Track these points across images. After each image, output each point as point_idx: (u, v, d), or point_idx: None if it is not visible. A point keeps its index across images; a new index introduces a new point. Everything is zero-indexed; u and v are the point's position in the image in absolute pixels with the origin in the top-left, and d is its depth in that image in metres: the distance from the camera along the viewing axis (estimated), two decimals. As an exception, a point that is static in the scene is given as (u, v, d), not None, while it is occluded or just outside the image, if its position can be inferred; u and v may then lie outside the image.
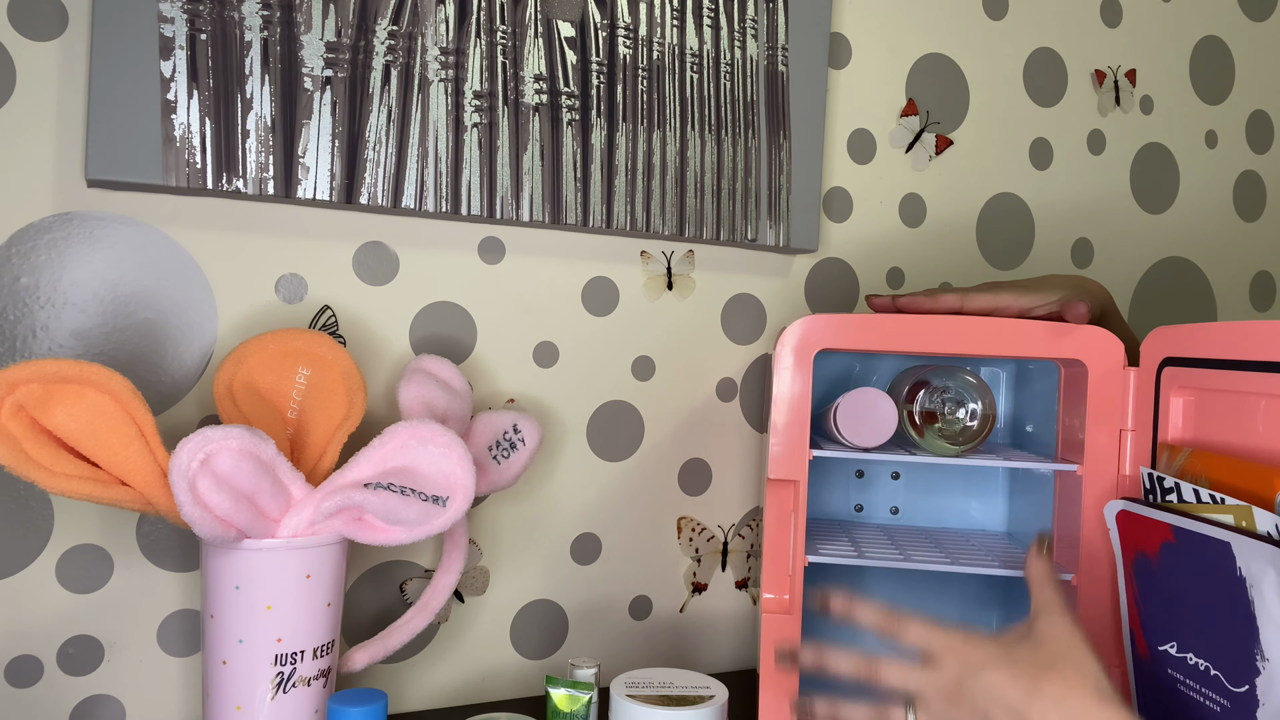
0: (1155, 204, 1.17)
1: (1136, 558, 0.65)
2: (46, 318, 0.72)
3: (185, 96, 0.72)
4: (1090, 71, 1.12)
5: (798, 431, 0.74)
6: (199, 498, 0.60)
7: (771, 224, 0.93)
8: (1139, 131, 1.15)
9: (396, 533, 0.67)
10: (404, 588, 0.85)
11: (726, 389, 0.97)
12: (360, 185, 0.77)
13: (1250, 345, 0.59)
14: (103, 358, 0.74)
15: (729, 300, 0.96)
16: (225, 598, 0.65)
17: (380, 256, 0.83)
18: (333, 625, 0.69)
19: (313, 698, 0.67)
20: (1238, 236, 1.22)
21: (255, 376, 0.71)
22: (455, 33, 0.80)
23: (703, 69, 0.90)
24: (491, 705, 0.86)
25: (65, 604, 0.73)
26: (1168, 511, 0.61)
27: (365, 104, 0.77)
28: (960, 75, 1.05)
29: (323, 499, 0.65)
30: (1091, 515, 0.73)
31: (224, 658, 0.65)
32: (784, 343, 0.74)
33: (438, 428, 0.67)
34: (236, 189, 0.73)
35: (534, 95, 0.83)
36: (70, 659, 0.74)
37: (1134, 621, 0.66)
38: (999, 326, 0.74)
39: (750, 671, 0.96)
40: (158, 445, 0.62)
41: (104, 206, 0.73)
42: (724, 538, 0.98)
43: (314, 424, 0.72)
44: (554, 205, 0.84)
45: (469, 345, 0.86)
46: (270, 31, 0.74)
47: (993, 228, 1.07)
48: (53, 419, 0.60)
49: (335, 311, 0.81)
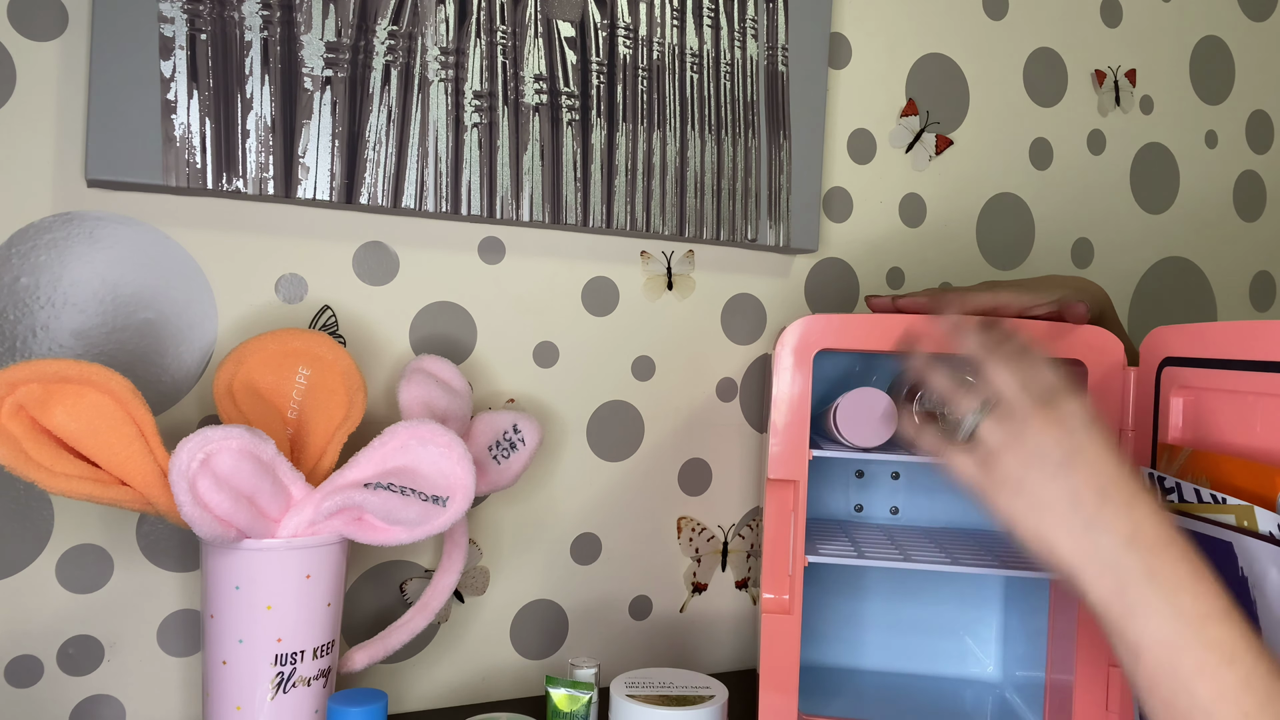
0: (1155, 204, 1.17)
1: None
2: (46, 317, 0.72)
3: (185, 96, 0.72)
4: (1090, 71, 1.12)
5: (797, 431, 0.74)
6: (199, 498, 0.60)
7: (771, 224, 0.93)
8: (1139, 131, 1.15)
9: (396, 533, 0.67)
10: (404, 588, 0.85)
11: (726, 389, 0.97)
12: (360, 185, 0.77)
13: (1250, 345, 0.59)
14: (103, 358, 0.74)
15: (729, 300, 0.96)
16: (225, 598, 0.65)
17: (380, 256, 0.83)
18: (333, 625, 0.69)
19: (313, 698, 0.67)
20: (1238, 236, 1.22)
21: (255, 376, 0.71)
22: (455, 33, 0.80)
23: (703, 69, 0.90)
24: (491, 705, 0.86)
25: (65, 604, 0.73)
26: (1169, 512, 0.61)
27: (365, 104, 0.77)
28: (960, 75, 1.05)
29: (323, 499, 0.65)
30: (1091, 515, 0.73)
31: (224, 658, 0.65)
32: (784, 343, 0.74)
33: (438, 428, 0.67)
34: (236, 189, 0.73)
35: (534, 95, 0.83)
36: (70, 659, 0.74)
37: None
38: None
39: (750, 671, 0.96)
40: (158, 445, 0.62)
41: (104, 206, 0.73)
42: (724, 538, 0.98)
43: (314, 424, 0.72)
44: (554, 205, 0.84)
45: (469, 345, 0.86)
46: (270, 31, 0.74)
47: (993, 228, 1.07)
48: (53, 419, 0.60)
49: (335, 311, 0.81)
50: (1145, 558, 0.49)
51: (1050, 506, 0.53)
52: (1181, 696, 0.47)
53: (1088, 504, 0.51)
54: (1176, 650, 0.47)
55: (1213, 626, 0.47)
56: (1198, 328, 0.65)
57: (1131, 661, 0.49)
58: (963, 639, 0.93)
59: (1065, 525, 0.52)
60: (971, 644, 0.93)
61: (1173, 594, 0.48)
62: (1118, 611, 0.50)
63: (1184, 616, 0.48)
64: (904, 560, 0.77)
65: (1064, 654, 0.76)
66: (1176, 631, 0.48)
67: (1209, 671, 0.46)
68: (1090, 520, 0.51)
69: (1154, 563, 0.49)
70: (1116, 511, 0.51)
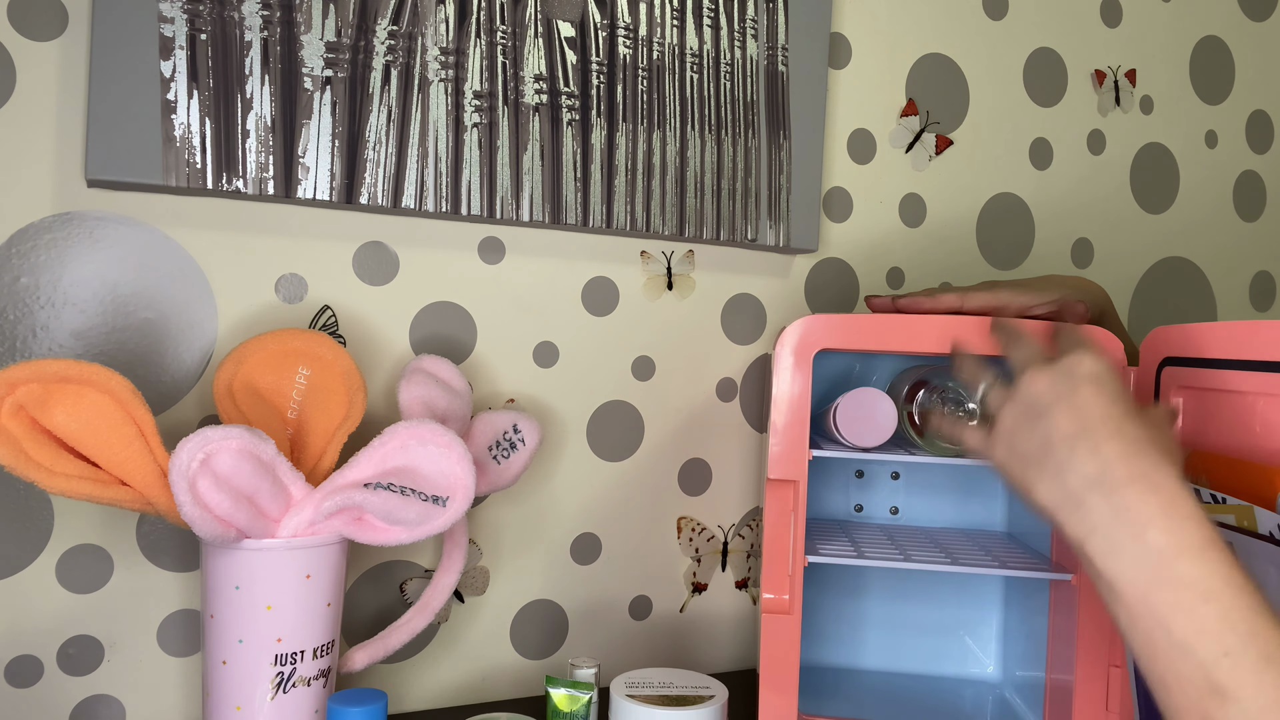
0: (1155, 204, 1.17)
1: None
2: (46, 318, 0.72)
3: (185, 96, 0.72)
4: (1090, 71, 1.12)
5: (797, 431, 0.74)
6: (199, 498, 0.60)
7: (771, 224, 0.93)
8: (1139, 131, 1.15)
9: (396, 533, 0.67)
10: (404, 588, 0.85)
11: (726, 389, 0.97)
12: (360, 185, 0.77)
13: (1250, 345, 0.59)
14: (103, 358, 0.74)
15: (729, 300, 0.96)
16: (225, 598, 0.65)
17: (380, 256, 0.83)
18: (333, 625, 0.69)
19: (313, 698, 0.67)
20: (1238, 236, 1.22)
21: (255, 376, 0.71)
22: (455, 33, 0.80)
23: (703, 69, 0.90)
24: (491, 705, 0.86)
25: (65, 604, 0.73)
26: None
27: (365, 104, 0.77)
28: (960, 75, 1.05)
29: (323, 499, 0.65)
30: (1091, 515, 0.73)
31: (224, 658, 0.65)
32: (784, 343, 0.74)
33: (438, 428, 0.67)
34: (236, 189, 0.73)
35: (534, 95, 0.83)
36: (70, 659, 0.74)
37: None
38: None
39: (750, 671, 0.96)
40: (158, 445, 0.62)
41: (104, 206, 0.73)
42: (724, 538, 0.98)
43: (314, 424, 0.72)
44: (554, 205, 0.84)
45: (469, 345, 0.86)
46: (270, 31, 0.74)
47: (993, 228, 1.07)
48: (53, 419, 0.60)
49: (335, 311, 0.81)
50: (1111, 496, 0.49)
51: (1028, 454, 0.54)
52: (1158, 634, 0.46)
53: (1059, 448, 0.52)
54: (1148, 588, 0.46)
55: (1185, 562, 0.46)
56: (1197, 327, 0.65)
57: (1112, 602, 0.49)
58: (963, 639, 0.93)
59: (1039, 470, 0.53)
60: (971, 644, 0.93)
61: (1140, 531, 0.47)
62: (1090, 552, 0.49)
63: (1153, 553, 0.47)
64: (904, 560, 0.77)
65: (1064, 654, 0.76)
66: (1146, 569, 0.47)
67: (1184, 608, 0.45)
68: (1061, 464, 0.52)
69: (1120, 500, 0.49)
70: (1086, 453, 0.51)
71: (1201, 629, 0.44)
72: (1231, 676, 0.43)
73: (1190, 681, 0.44)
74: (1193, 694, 0.44)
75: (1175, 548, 0.46)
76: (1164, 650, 0.46)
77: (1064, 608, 0.77)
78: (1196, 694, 0.44)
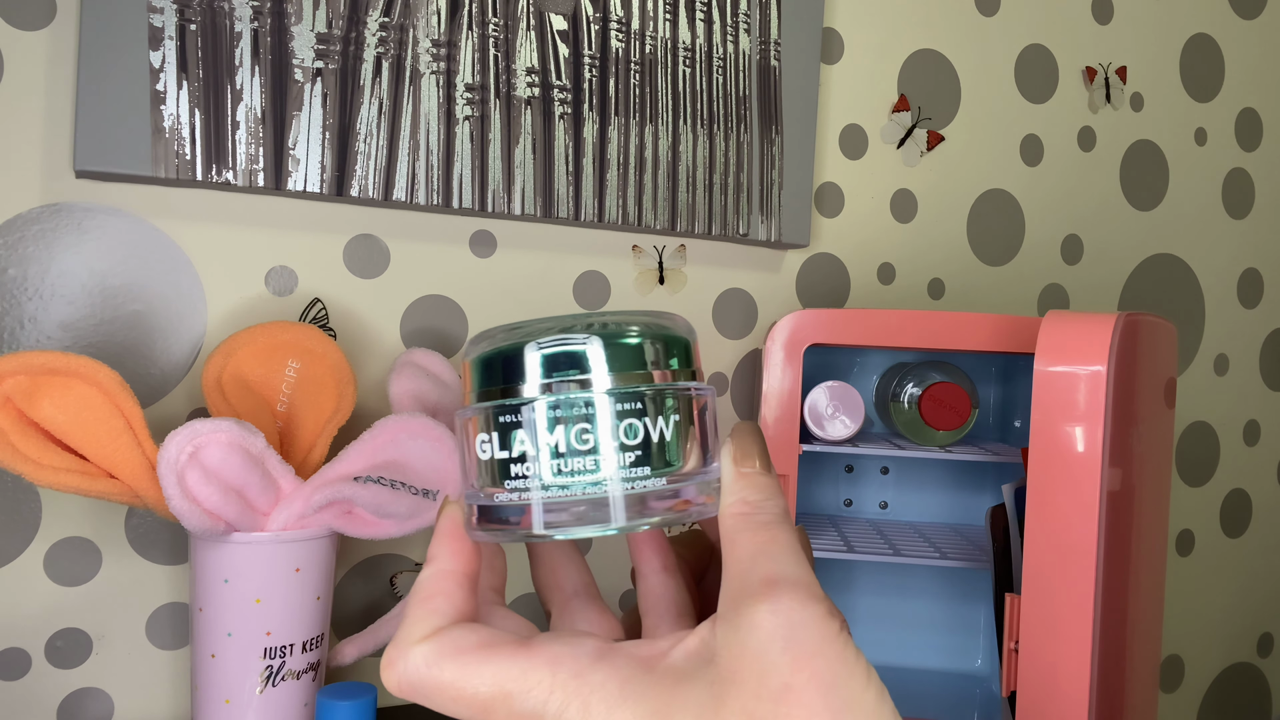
0: (1145, 201, 1.17)
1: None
2: (34, 309, 0.72)
3: (174, 87, 0.71)
4: (1081, 68, 1.12)
5: (788, 426, 0.74)
6: (187, 490, 0.60)
7: (763, 219, 0.93)
8: (1129, 128, 1.15)
9: (387, 526, 0.67)
10: (394, 581, 0.85)
11: (717, 384, 0.97)
12: (351, 178, 0.77)
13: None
14: (91, 350, 0.73)
15: (720, 295, 0.96)
16: (214, 591, 0.65)
17: (371, 249, 0.82)
18: (322, 619, 0.69)
19: (302, 691, 0.67)
20: (1226, 234, 1.23)
21: (245, 369, 0.70)
22: (447, 25, 0.80)
23: (695, 63, 0.90)
24: (481, 699, 0.86)
25: (53, 597, 0.73)
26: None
27: (356, 96, 0.77)
28: (952, 71, 1.05)
29: (312, 492, 0.65)
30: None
31: (213, 651, 0.65)
32: (774, 337, 0.75)
33: (428, 421, 0.67)
34: (226, 181, 0.73)
35: (526, 88, 0.83)
36: (58, 652, 0.73)
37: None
38: (984, 322, 0.74)
39: (740, 665, 0.96)
40: (146, 438, 0.62)
41: (92, 198, 0.73)
42: (714, 532, 0.98)
43: (304, 417, 0.72)
44: (546, 199, 0.84)
45: (460, 338, 0.86)
46: (260, 22, 0.74)
47: (983, 224, 1.08)
48: (40, 411, 0.60)
49: (325, 304, 0.81)
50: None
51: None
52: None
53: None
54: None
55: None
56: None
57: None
58: (952, 633, 0.94)
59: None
60: (960, 638, 0.94)
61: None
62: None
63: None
64: (893, 554, 0.77)
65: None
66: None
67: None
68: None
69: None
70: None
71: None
72: None
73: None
74: None
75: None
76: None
77: (1052, 602, 0.78)
78: None
